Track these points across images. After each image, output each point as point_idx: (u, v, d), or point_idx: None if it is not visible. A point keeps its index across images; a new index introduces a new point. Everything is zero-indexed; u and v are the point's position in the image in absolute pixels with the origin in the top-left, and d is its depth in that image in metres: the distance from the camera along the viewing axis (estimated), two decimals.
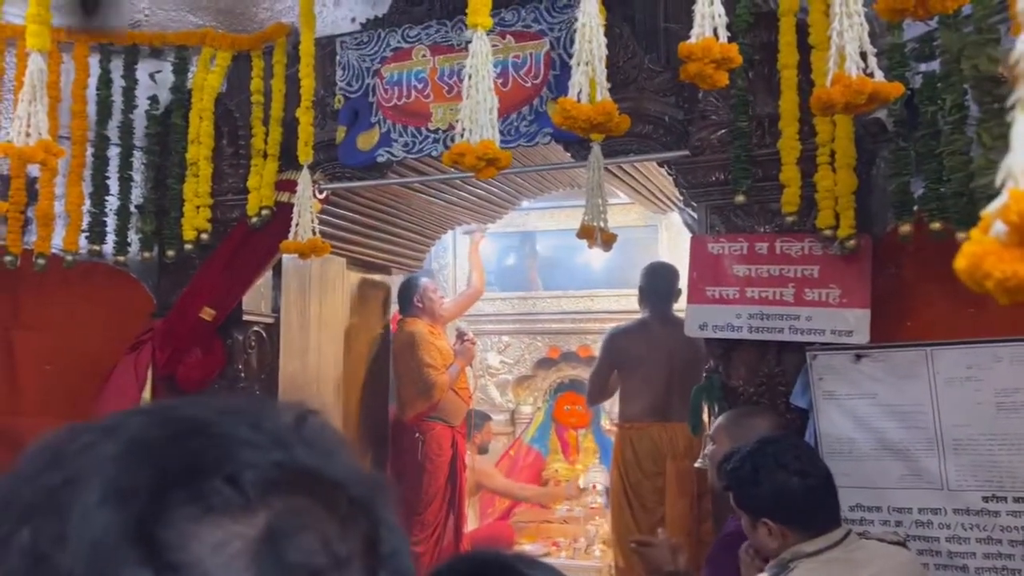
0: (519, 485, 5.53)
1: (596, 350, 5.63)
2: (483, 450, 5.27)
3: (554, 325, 5.89)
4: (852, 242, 2.48)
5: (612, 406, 5.64)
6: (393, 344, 4.35)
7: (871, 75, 1.77)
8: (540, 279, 6.07)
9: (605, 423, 5.73)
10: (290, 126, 3.20)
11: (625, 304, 5.55)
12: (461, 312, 5.13)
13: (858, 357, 2.47)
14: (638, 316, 4.13)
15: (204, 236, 3.29)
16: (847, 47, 1.76)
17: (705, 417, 2.79)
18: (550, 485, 5.56)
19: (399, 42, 3.24)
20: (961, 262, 0.53)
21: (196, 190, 3.28)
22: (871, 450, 2.41)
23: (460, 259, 5.95)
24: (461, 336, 4.72)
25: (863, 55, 1.77)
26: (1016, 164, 0.54)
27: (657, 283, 4.04)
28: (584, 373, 5.80)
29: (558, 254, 5.92)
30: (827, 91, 1.74)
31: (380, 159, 3.20)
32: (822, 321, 2.54)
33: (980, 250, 0.52)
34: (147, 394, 3.22)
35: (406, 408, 4.29)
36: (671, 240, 5.33)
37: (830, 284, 2.55)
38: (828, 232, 2.51)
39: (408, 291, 4.46)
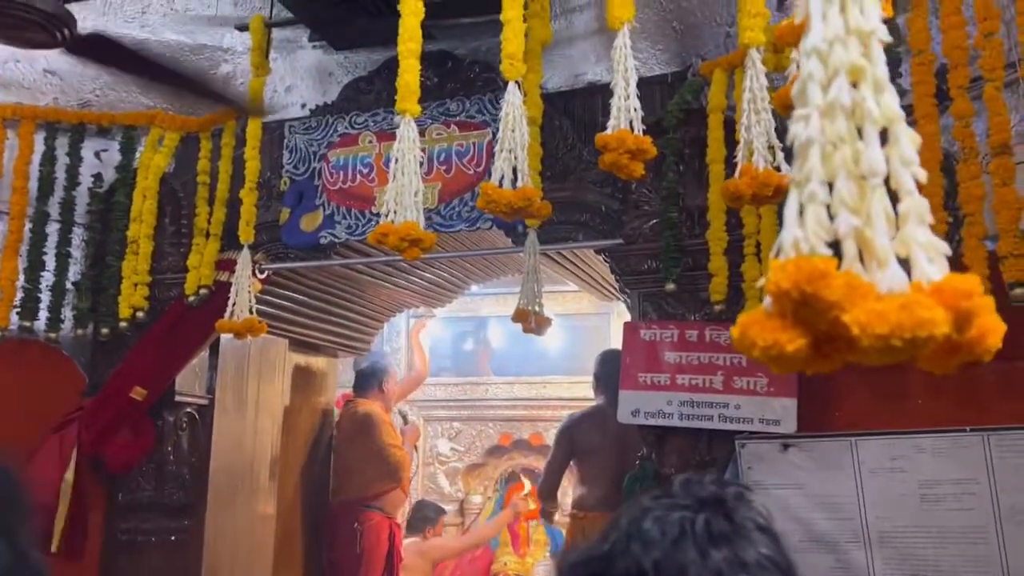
0: (466, 537, 5.47)
1: (548, 438, 5.62)
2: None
3: (506, 411, 5.86)
4: None
5: (563, 497, 5.58)
6: (341, 426, 4.26)
7: (778, 168, 1.84)
8: (491, 365, 6.07)
9: (556, 515, 5.62)
10: (234, 207, 3.22)
11: (578, 391, 5.55)
12: (403, 397, 5.08)
13: (785, 447, 2.47)
14: (592, 403, 4.12)
15: (140, 314, 3.25)
16: (755, 141, 1.83)
17: None
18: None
19: (346, 128, 3.31)
20: (734, 332, 0.54)
21: (135, 267, 3.27)
22: (799, 542, 2.38)
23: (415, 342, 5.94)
24: (404, 417, 4.69)
25: (771, 149, 1.84)
26: (785, 238, 0.55)
27: (611, 370, 4.05)
28: (536, 462, 5.74)
29: (511, 340, 5.93)
30: (736, 183, 1.80)
31: (323, 240, 3.22)
32: (750, 409, 2.56)
33: (748, 320, 0.53)
34: (70, 475, 3.11)
35: (350, 489, 4.18)
36: (620, 325, 5.37)
37: (757, 373, 2.57)
38: None
39: (373, 374, 4.42)
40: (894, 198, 0.56)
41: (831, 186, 0.56)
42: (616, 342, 5.45)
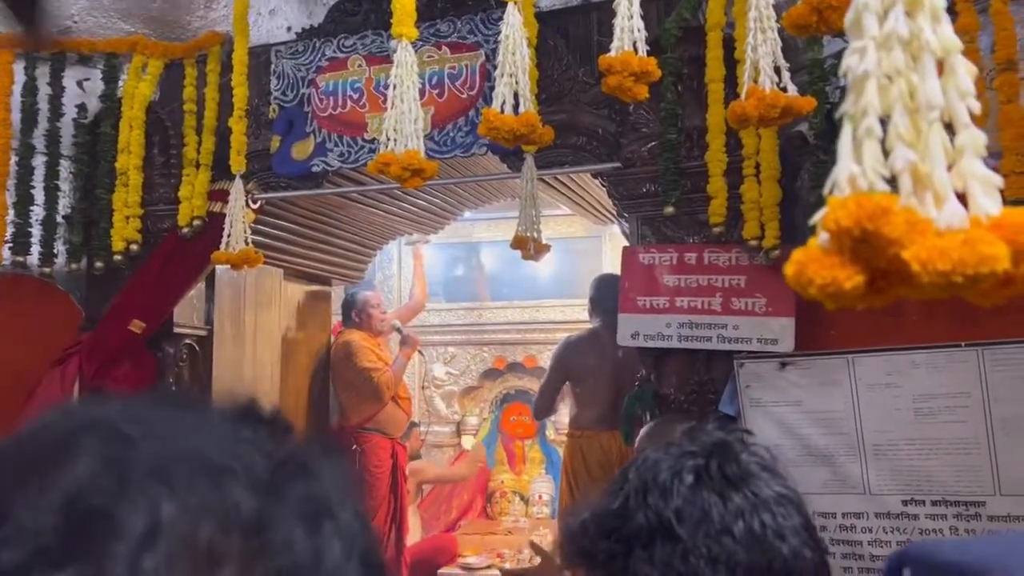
0: (448, 468, 5.62)
1: (543, 360, 5.69)
2: (413, 457, 5.22)
3: (500, 336, 5.91)
4: (777, 252, 2.53)
5: (558, 417, 5.69)
6: (332, 355, 4.32)
7: (785, 89, 1.82)
8: (488, 290, 6.09)
9: (551, 433, 5.75)
10: (223, 136, 3.17)
11: (570, 314, 5.61)
12: (404, 324, 5.11)
13: (783, 365, 2.52)
14: (588, 326, 4.16)
15: (134, 247, 3.22)
16: (761, 61, 1.80)
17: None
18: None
19: (334, 52, 3.23)
20: (789, 269, 0.54)
21: (126, 200, 3.22)
22: (796, 456, 2.45)
23: (406, 270, 5.94)
24: (398, 329, 4.70)
25: (777, 69, 1.81)
26: (840, 173, 0.55)
27: (607, 294, 4.08)
28: (531, 383, 5.83)
29: (503, 265, 5.94)
30: (742, 104, 1.78)
31: (315, 169, 3.18)
32: (748, 330, 2.59)
33: (804, 258, 0.54)
34: None
35: (351, 415, 4.26)
36: (615, 251, 5.37)
37: (756, 294, 2.60)
38: (754, 243, 2.56)
39: (348, 304, 4.47)
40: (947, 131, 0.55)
41: (883, 122, 0.55)
42: (608, 265, 5.56)
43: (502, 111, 1.94)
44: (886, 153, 0.55)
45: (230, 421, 0.46)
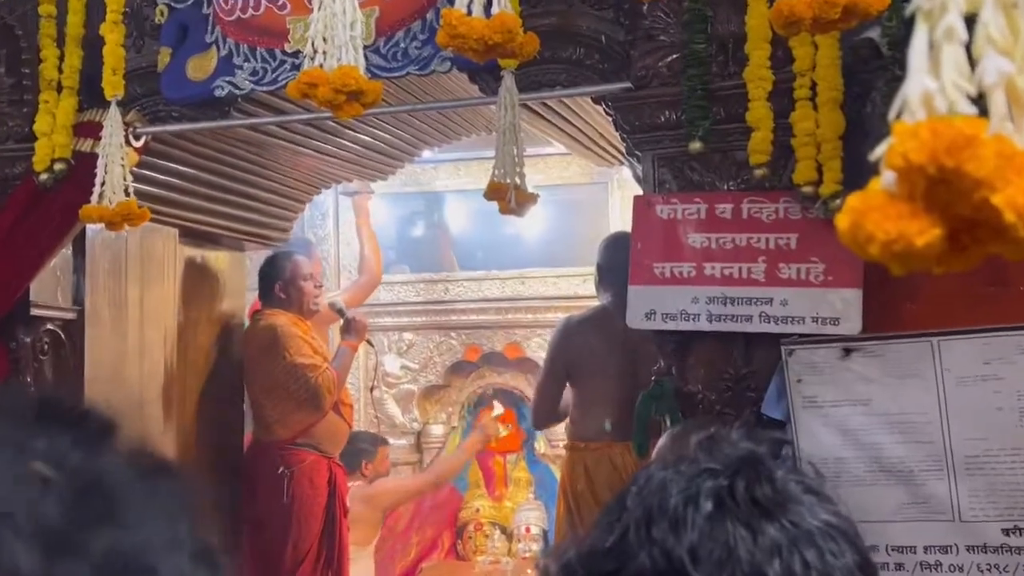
0: (423, 474, 5.66)
1: (529, 350, 5.73)
2: None
3: (473, 317, 5.94)
4: (839, 202, 2.53)
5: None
6: (247, 345, 4.29)
7: None
8: (455, 256, 6.10)
9: (541, 446, 5.80)
10: (95, 49, 3.13)
11: (565, 287, 5.64)
12: (355, 306, 5.10)
13: (847, 352, 2.53)
14: (594, 304, 4.17)
15: None
16: None
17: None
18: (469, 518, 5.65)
19: None
20: (842, 221, 0.54)
21: None
22: (864, 473, 2.48)
23: (345, 227, 5.95)
24: (340, 311, 4.67)
25: None
26: (912, 91, 0.55)
27: (620, 259, 4.08)
28: (514, 380, 5.87)
29: (475, 222, 5.95)
30: (790, 3, 1.77)
31: (219, 92, 3.16)
32: (801, 306, 2.60)
33: (863, 205, 0.53)
34: None
35: (277, 427, 4.24)
36: (624, 202, 5.39)
37: (811, 258, 2.60)
38: (809, 189, 2.56)
39: (270, 274, 4.40)
40: None
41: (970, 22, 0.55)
42: (616, 220, 5.58)
43: (469, 12, 1.92)
44: (972, 63, 0.54)
45: (16, 427, 0.45)
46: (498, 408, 5.75)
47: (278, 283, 4.38)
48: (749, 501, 0.83)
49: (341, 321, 4.67)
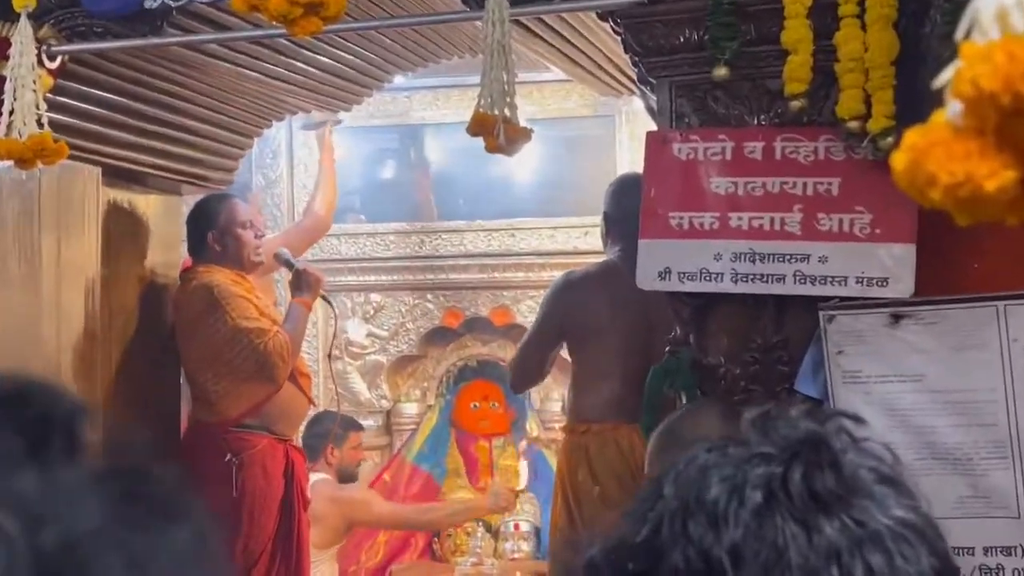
0: (415, 507, 5.61)
1: (520, 315, 5.74)
2: (347, 477, 5.25)
3: (453, 276, 5.94)
4: (891, 140, 2.53)
5: (545, 402, 5.76)
6: (177, 308, 4.24)
7: None
8: (434, 202, 6.08)
9: (534, 428, 5.82)
10: None
11: (563, 241, 5.65)
12: (294, 256, 5.07)
13: (896, 318, 2.54)
14: (600, 259, 4.17)
15: None
16: None
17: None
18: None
19: None
20: (898, 160, 0.54)
21: None
22: (914, 460, 2.48)
23: (301, 170, 5.93)
24: (287, 262, 4.60)
25: None
26: (984, 5, 0.55)
27: (631, 208, 4.08)
28: (501, 351, 5.89)
29: (458, 162, 5.92)
30: None
31: (150, 3, 3.13)
32: (843, 263, 2.60)
33: (924, 142, 0.53)
34: None
35: (220, 405, 4.22)
36: (635, 139, 5.38)
37: (856, 206, 2.60)
38: (854, 125, 2.55)
39: (200, 223, 4.35)
40: None
41: None
42: (624, 161, 5.58)
43: None
44: None
45: None
46: (524, 473, 5.57)
47: (211, 232, 4.30)
48: (806, 493, 0.82)
49: (290, 273, 4.58)
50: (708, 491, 0.83)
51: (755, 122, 2.74)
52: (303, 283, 4.44)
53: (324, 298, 4.74)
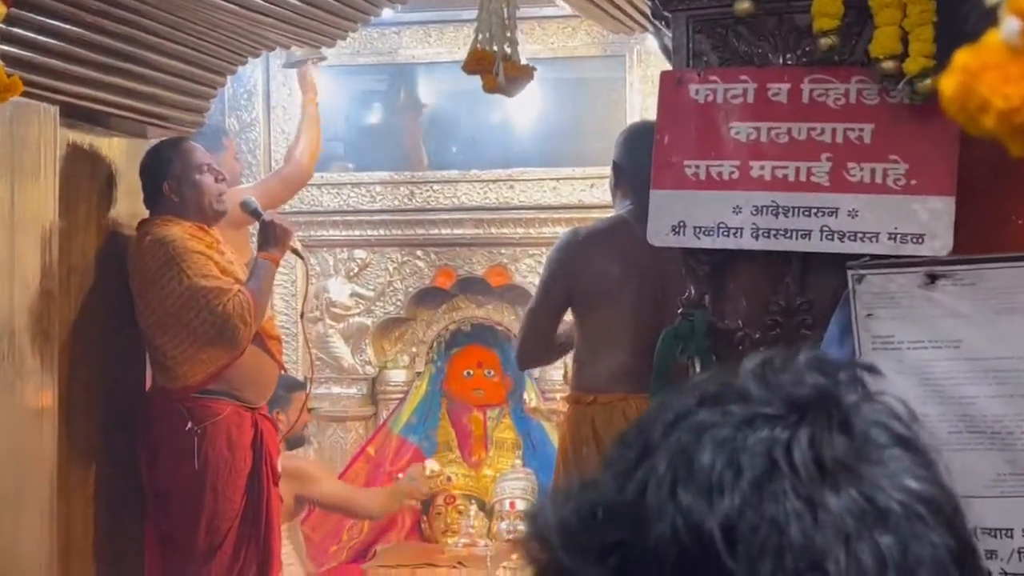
0: (367, 493, 5.65)
1: (519, 274, 5.74)
2: (294, 442, 5.21)
3: (446, 231, 5.94)
4: (929, 82, 2.52)
5: (545, 370, 5.76)
6: (132, 268, 4.22)
7: None
8: (426, 149, 6.06)
9: (532, 398, 5.83)
10: None
11: (569, 194, 5.66)
12: (272, 207, 5.05)
13: (932, 278, 2.53)
14: (609, 214, 4.16)
15: None
16: None
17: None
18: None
19: None
20: (947, 83, 0.53)
21: None
22: (950, 434, 2.49)
23: (280, 112, 5.92)
24: (254, 211, 4.57)
25: None
26: None
27: (644, 157, 4.07)
28: (497, 314, 5.90)
29: (452, 106, 5.90)
30: None
31: None
32: (875, 217, 2.60)
33: (977, 64, 0.52)
34: None
35: (179, 370, 4.22)
36: (647, 81, 5.37)
37: (890, 155, 2.59)
38: (890, 65, 2.54)
39: (154, 171, 4.31)
40: None
41: None
42: (635, 106, 5.57)
43: None
44: None
45: None
46: (432, 465, 5.67)
47: (166, 181, 4.26)
48: (812, 463, 0.78)
49: (258, 224, 4.56)
50: (701, 455, 0.79)
51: (780, 61, 2.73)
52: (270, 236, 4.41)
53: (296, 252, 4.71)
